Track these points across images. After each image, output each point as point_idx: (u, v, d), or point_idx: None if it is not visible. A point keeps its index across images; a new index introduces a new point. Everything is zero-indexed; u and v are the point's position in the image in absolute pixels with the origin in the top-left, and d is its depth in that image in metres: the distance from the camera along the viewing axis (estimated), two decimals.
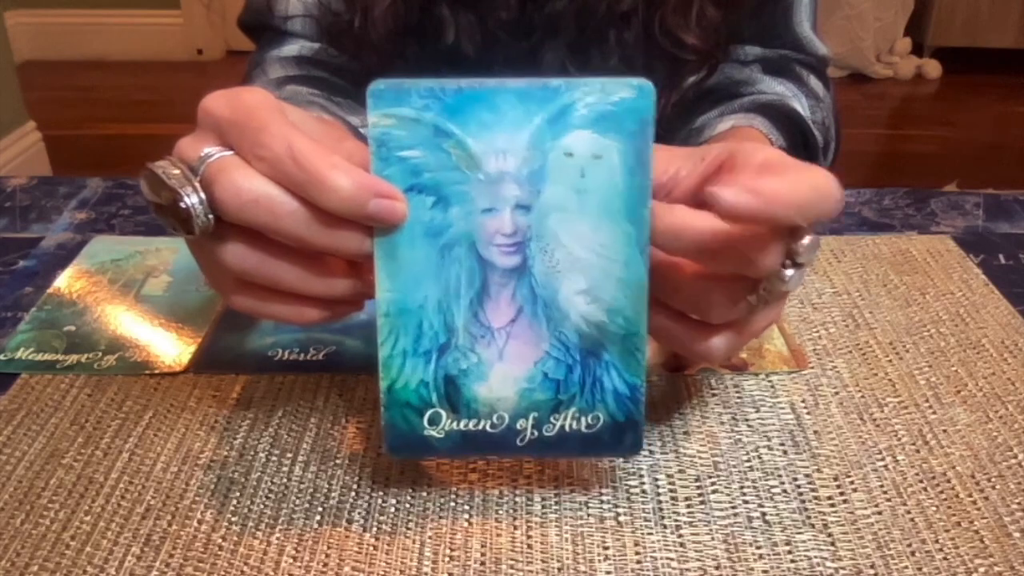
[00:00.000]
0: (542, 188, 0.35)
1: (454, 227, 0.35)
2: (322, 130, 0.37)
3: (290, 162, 0.33)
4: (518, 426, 0.38)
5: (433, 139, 0.34)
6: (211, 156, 0.34)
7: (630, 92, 0.34)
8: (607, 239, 0.35)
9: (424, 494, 0.41)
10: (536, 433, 0.38)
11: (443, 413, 0.38)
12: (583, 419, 0.38)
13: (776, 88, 0.62)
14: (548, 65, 0.62)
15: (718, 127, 0.57)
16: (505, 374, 0.37)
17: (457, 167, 0.35)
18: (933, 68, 3.02)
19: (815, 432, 0.45)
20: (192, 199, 0.34)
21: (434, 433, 0.38)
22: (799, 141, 0.59)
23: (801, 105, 0.61)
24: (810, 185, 0.34)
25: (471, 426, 0.38)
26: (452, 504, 0.41)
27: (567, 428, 0.38)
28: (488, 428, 0.38)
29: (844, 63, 2.95)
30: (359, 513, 0.40)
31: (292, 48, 0.65)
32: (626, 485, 0.42)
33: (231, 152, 0.34)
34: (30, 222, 0.64)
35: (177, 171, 0.34)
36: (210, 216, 0.34)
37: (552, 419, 0.38)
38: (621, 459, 0.43)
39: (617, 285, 0.36)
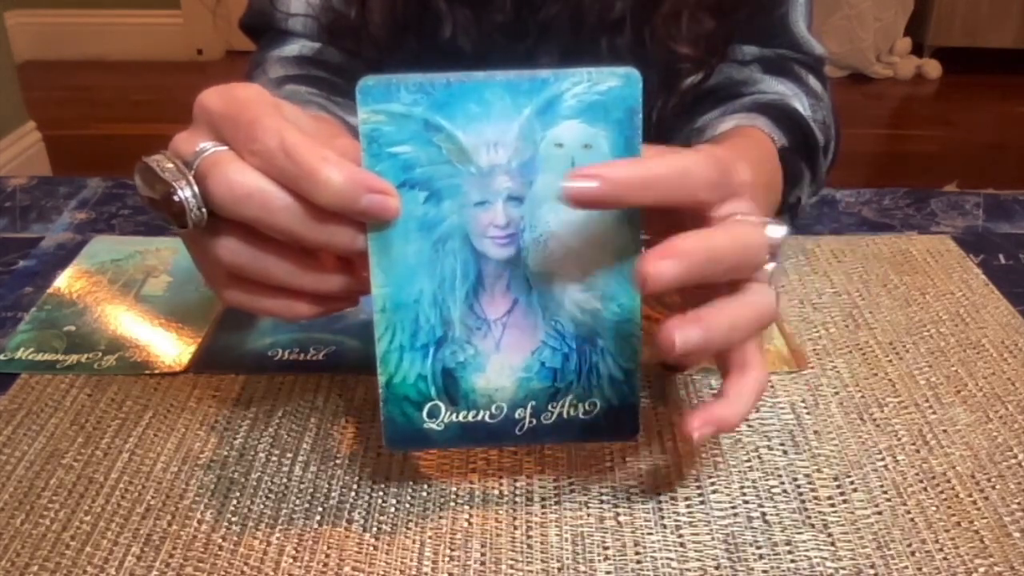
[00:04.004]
0: (534, 179, 0.35)
1: (447, 221, 0.35)
2: (316, 127, 0.37)
3: (282, 156, 0.33)
4: (516, 415, 0.38)
5: (423, 134, 0.34)
6: (205, 151, 0.34)
7: (617, 81, 0.34)
8: (599, 227, 0.36)
9: (424, 494, 0.41)
10: (534, 421, 0.38)
11: (442, 406, 0.38)
12: (580, 406, 0.38)
13: (777, 87, 0.62)
14: (543, 68, 0.62)
15: (720, 127, 0.57)
16: (502, 365, 0.37)
17: (448, 161, 0.35)
18: (933, 68, 3.01)
19: (815, 432, 0.44)
20: (185, 192, 0.34)
21: (433, 426, 0.38)
22: (800, 141, 0.59)
23: (802, 104, 0.61)
24: (666, 165, 0.35)
25: (470, 417, 0.38)
26: (452, 504, 0.41)
27: (565, 415, 0.38)
28: (487, 419, 0.38)
29: (844, 63, 2.95)
30: (359, 513, 0.40)
31: (293, 48, 0.65)
32: (626, 485, 0.42)
33: (225, 147, 0.34)
34: (30, 222, 0.64)
35: (171, 165, 0.35)
36: (203, 210, 0.34)
37: (550, 407, 0.38)
38: (620, 443, 0.43)
39: (610, 272, 0.36)
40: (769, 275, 0.37)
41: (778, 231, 0.36)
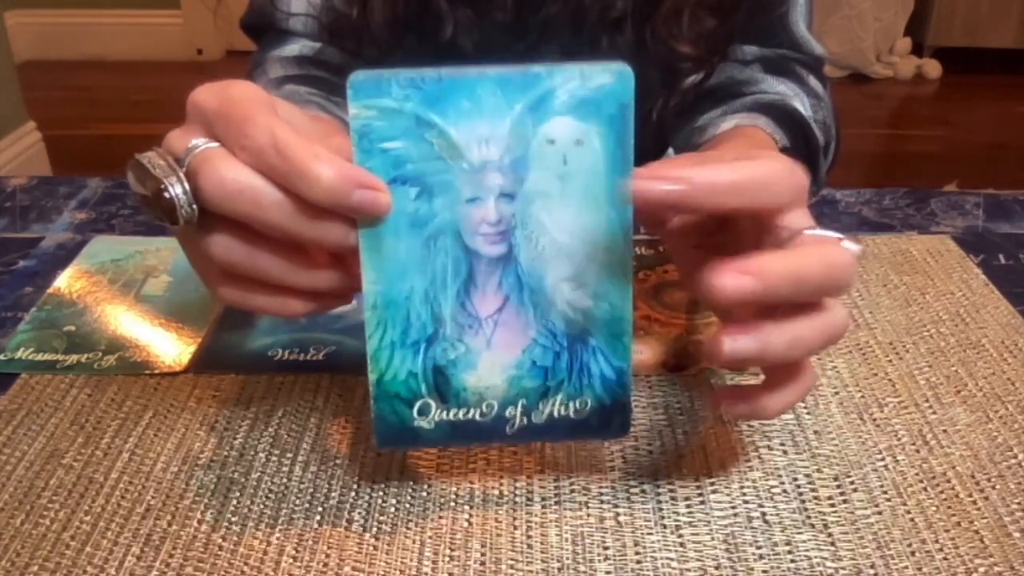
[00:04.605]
0: (525, 176, 0.35)
1: (439, 217, 0.35)
2: (311, 125, 0.37)
3: (273, 152, 0.33)
4: (507, 414, 0.38)
5: (415, 129, 0.34)
6: (197, 147, 0.34)
7: (609, 78, 0.34)
8: (590, 224, 0.35)
9: (424, 494, 0.41)
10: (525, 420, 0.38)
11: (432, 403, 0.38)
12: (571, 404, 0.38)
13: (778, 87, 0.62)
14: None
15: (721, 126, 0.57)
16: (493, 362, 0.37)
17: (440, 157, 0.34)
18: (933, 68, 3.01)
19: (815, 432, 0.44)
20: (176, 189, 0.34)
21: (423, 424, 0.38)
22: (801, 141, 0.59)
23: (803, 104, 0.61)
24: (742, 172, 0.34)
25: (460, 415, 0.38)
26: (452, 504, 0.41)
27: (556, 414, 0.38)
28: (477, 417, 0.38)
29: (844, 63, 2.95)
30: (359, 513, 0.40)
31: (293, 48, 0.65)
32: (626, 485, 0.42)
33: (216, 143, 0.34)
34: (30, 222, 0.64)
35: (163, 162, 0.35)
36: (194, 207, 0.34)
37: (540, 406, 0.38)
38: (608, 441, 0.43)
39: (601, 270, 0.36)
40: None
41: (854, 247, 0.35)
